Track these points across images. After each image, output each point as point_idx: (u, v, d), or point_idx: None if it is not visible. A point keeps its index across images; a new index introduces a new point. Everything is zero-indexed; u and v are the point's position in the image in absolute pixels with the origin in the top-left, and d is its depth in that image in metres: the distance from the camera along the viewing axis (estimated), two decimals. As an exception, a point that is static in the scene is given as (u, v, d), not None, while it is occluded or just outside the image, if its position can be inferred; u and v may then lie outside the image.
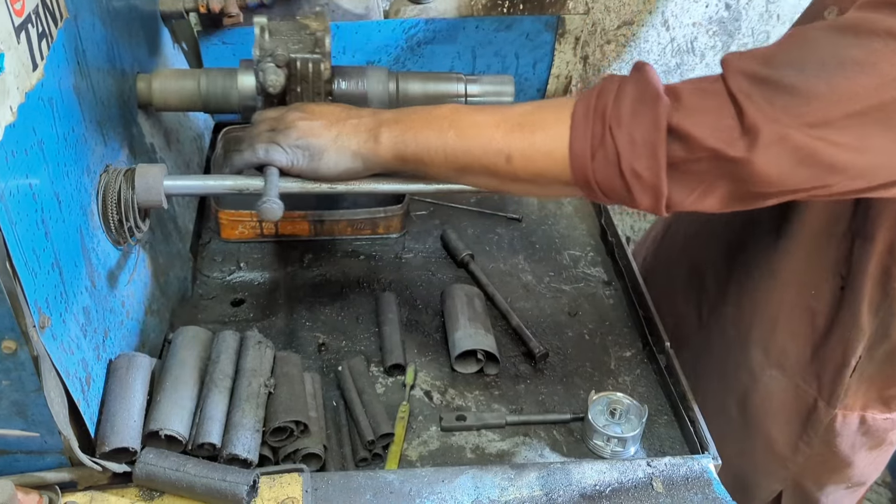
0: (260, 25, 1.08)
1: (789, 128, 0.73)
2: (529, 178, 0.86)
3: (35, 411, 0.76)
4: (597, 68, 1.94)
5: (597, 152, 0.80)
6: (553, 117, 0.84)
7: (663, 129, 0.77)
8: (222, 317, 1.19)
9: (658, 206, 0.81)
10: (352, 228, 1.34)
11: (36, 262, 0.73)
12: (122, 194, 0.94)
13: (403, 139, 0.90)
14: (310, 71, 1.06)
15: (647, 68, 0.82)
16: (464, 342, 1.09)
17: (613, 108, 0.80)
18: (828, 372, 1.07)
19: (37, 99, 0.75)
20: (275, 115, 0.98)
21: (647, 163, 0.78)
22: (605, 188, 0.82)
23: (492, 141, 0.86)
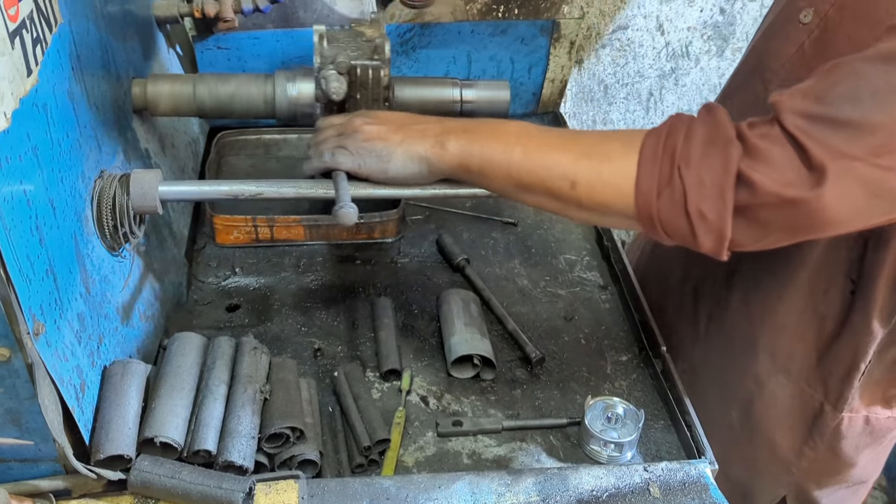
0: (319, 33, 1.09)
1: (856, 161, 0.73)
2: (593, 207, 0.86)
3: (29, 419, 0.76)
4: (592, 72, 1.95)
5: (663, 191, 0.81)
6: (622, 150, 0.84)
7: (733, 174, 0.77)
8: (217, 322, 1.18)
9: (720, 249, 0.81)
10: (347, 233, 1.34)
11: (30, 268, 0.73)
12: (117, 200, 0.93)
13: (470, 149, 0.91)
14: (370, 77, 1.07)
15: (718, 111, 0.82)
16: (460, 347, 1.09)
17: (683, 147, 0.80)
18: (835, 376, 1.06)
19: (31, 105, 0.75)
20: (340, 121, 1.00)
21: (713, 205, 0.78)
22: (668, 227, 0.82)
23: (558, 165, 0.86)
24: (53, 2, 0.82)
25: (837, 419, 1.09)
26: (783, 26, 1.01)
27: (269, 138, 1.53)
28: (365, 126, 0.96)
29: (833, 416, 1.09)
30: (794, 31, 0.98)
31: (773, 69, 1.02)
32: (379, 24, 1.14)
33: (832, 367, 1.06)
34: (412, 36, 1.48)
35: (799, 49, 0.97)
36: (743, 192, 0.78)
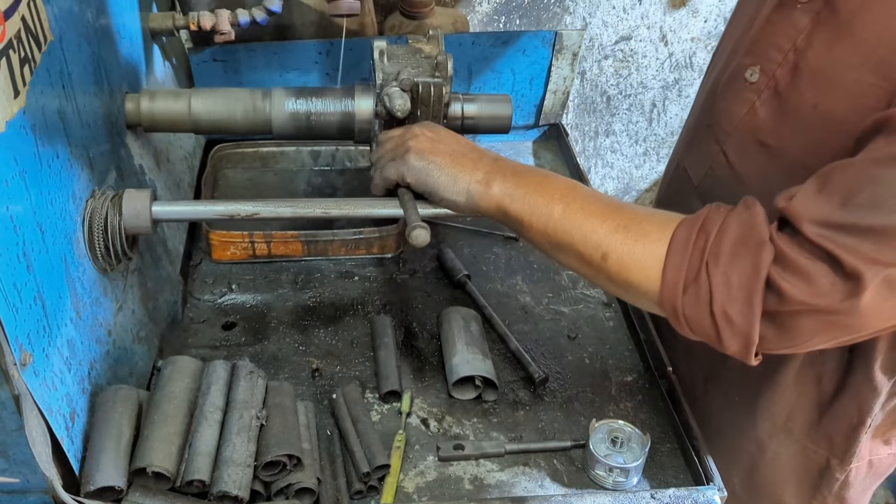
0: (379, 49, 1.08)
1: (891, 267, 0.70)
2: (621, 284, 0.84)
3: (16, 451, 0.74)
4: (594, 83, 1.93)
5: (689, 286, 0.78)
6: (657, 233, 0.81)
7: (762, 278, 0.74)
8: (213, 341, 1.16)
9: (748, 354, 0.78)
10: (346, 249, 1.32)
11: (17, 297, 0.70)
12: (109, 220, 0.91)
13: (512, 194, 0.90)
14: (431, 95, 1.06)
15: (755, 208, 0.78)
16: (461, 368, 1.07)
17: (714, 243, 0.77)
18: (840, 432, 1.02)
19: (18, 127, 0.72)
20: (399, 133, 1.00)
21: (740, 308, 0.75)
22: (692, 324, 0.79)
23: (594, 232, 0.84)
24: (43, 20, 0.80)
25: (845, 472, 1.05)
26: (730, 84, 0.98)
27: (267, 151, 1.51)
28: (422, 137, 0.96)
29: (841, 470, 1.05)
30: (742, 91, 0.95)
31: (727, 130, 0.99)
32: (437, 40, 1.12)
33: (836, 423, 1.02)
34: (412, 48, 1.46)
35: (750, 110, 0.94)
36: (772, 299, 0.75)
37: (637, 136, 2.07)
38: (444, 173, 0.93)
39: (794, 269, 0.73)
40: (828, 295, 0.72)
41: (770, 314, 0.75)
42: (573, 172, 1.54)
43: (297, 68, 1.47)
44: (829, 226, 0.72)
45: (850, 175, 0.74)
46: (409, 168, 0.95)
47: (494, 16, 1.79)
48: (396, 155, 0.97)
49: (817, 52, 0.85)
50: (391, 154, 0.98)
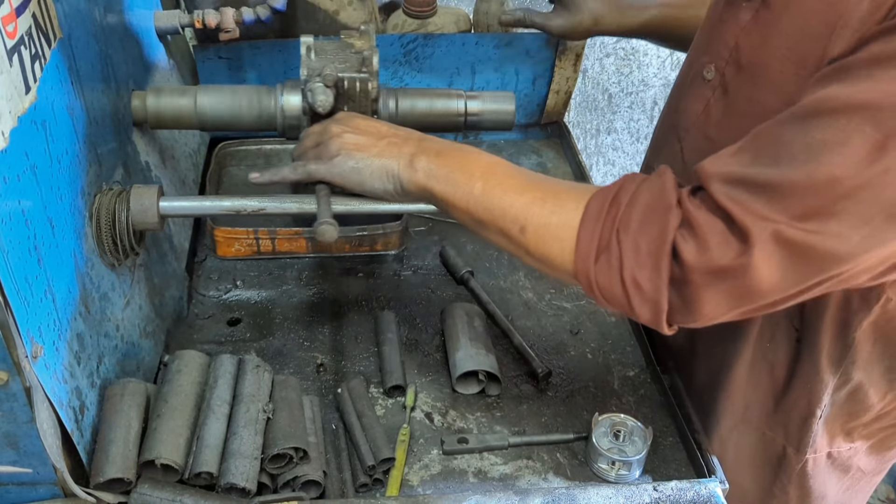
0: (307, 45, 1.08)
1: (779, 224, 0.70)
2: (540, 256, 0.84)
3: (27, 443, 0.75)
4: (596, 81, 1.94)
5: (601, 254, 0.78)
6: (573, 204, 0.81)
7: (669, 243, 0.74)
8: (218, 337, 1.17)
9: (658, 321, 0.78)
10: (350, 245, 1.33)
11: (28, 290, 0.71)
12: (117, 216, 0.92)
13: (436, 174, 0.89)
14: (357, 90, 1.06)
15: (667, 174, 0.79)
16: (465, 363, 1.08)
17: (625, 211, 0.78)
18: (794, 421, 1.03)
19: (29, 122, 0.73)
20: (320, 129, 0.99)
21: (649, 275, 0.76)
22: (604, 292, 0.80)
23: (512, 207, 0.84)
24: (52, 17, 0.81)
25: (802, 461, 1.06)
26: (692, 83, 0.99)
27: (270, 148, 1.52)
28: (343, 134, 0.95)
29: (797, 458, 1.06)
30: (700, 88, 0.96)
31: (685, 127, 1.00)
32: (369, 35, 1.12)
33: (789, 412, 1.03)
34: (416, 46, 1.47)
35: (706, 107, 0.96)
36: (675, 265, 0.75)
37: (638, 134, 2.08)
38: (373, 165, 0.92)
39: (694, 230, 0.74)
40: (720, 255, 0.72)
41: (675, 281, 0.76)
42: (575, 170, 1.55)
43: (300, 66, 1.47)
44: (731, 181, 0.73)
45: (761, 135, 0.75)
46: (338, 170, 0.94)
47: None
48: (321, 155, 0.95)
49: (753, 46, 0.87)
50: (315, 153, 0.96)
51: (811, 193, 0.69)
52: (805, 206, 0.70)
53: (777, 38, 0.84)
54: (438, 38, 1.47)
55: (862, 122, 0.68)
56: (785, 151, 0.71)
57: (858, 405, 1.01)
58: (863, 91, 0.68)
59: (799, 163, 0.70)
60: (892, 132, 0.67)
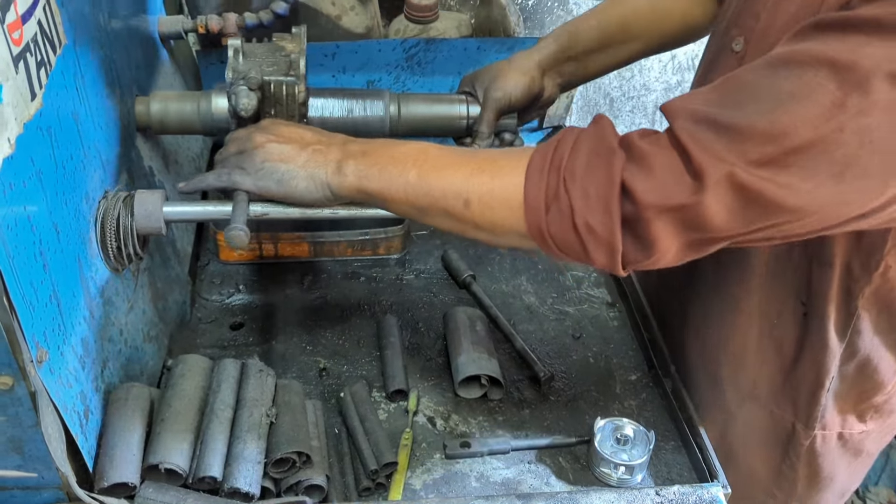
0: (234, 48, 1.06)
1: (735, 167, 0.71)
2: (487, 226, 0.84)
3: (32, 447, 0.75)
4: (597, 85, 1.94)
5: (551, 205, 0.79)
6: (512, 165, 0.82)
7: (617, 184, 0.75)
8: (221, 341, 1.17)
9: (614, 264, 0.79)
10: (352, 249, 1.33)
11: (34, 295, 0.72)
12: (122, 221, 0.92)
13: (367, 174, 0.89)
14: (284, 94, 1.04)
15: (604, 121, 0.81)
16: (467, 367, 1.08)
17: (569, 160, 0.78)
18: (802, 395, 1.05)
19: (35, 129, 0.74)
20: (244, 135, 0.96)
21: (601, 218, 0.76)
22: (559, 242, 0.80)
23: (451, 184, 0.84)
24: (58, 24, 0.81)
25: (810, 437, 1.08)
26: (718, 56, 1.00)
27: (273, 153, 1.52)
28: (267, 144, 0.92)
29: (805, 434, 1.08)
30: (728, 60, 0.97)
31: None
32: (299, 38, 1.10)
33: (798, 386, 1.05)
34: (418, 51, 1.47)
35: None
36: (627, 204, 0.76)
37: (640, 139, 2.08)
38: (301, 178, 0.90)
39: (648, 166, 0.75)
40: (674, 191, 0.73)
41: (628, 220, 0.76)
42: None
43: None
44: (695, 119, 0.74)
45: (732, 79, 0.77)
46: (263, 184, 0.92)
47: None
48: (245, 165, 0.92)
49: (770, 16, 0.89)
50: (237, 161, 0.93)
51: (769, 141, 0.70)
52: (761, 152, 0.70)
53: (784, 7, 0.85)
54: (440, 43, 1.47)
55: (827, 77, 0.69)
56: (751, 97, 0.73)
57: (869, 382, 1.03)
58: (833, 49, 0.69)
59: (763, 110, 0.71)
60: (852, 91, 0.68)
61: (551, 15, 1.81)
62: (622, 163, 0.76)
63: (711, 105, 0.75)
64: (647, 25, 1.18)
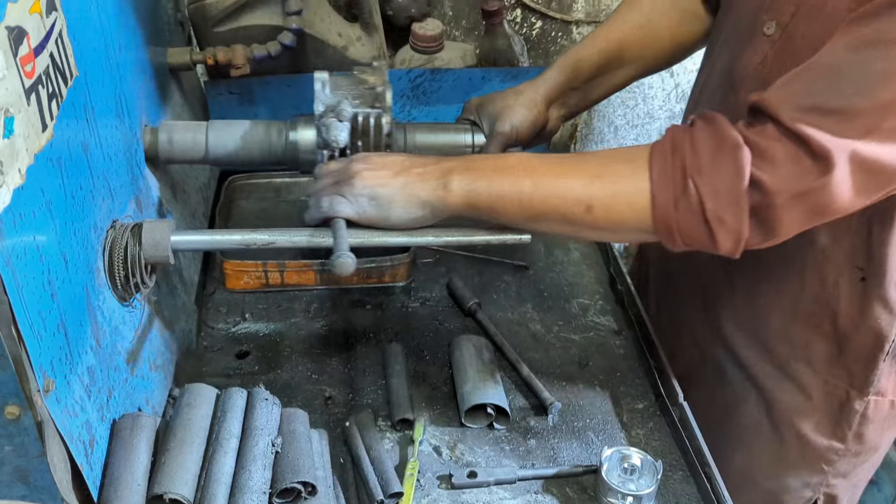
0: (321, 81, 1.09)
1: (854, 142, 0.78)
2: (609, 227, 0.90)
3: (37, 477, 0.74)
4: (601, 114, 1.95)
5: (679, 202, 0.85)
6: (630, 169, 0.88)
7: (746, 178, 0.81)
8: (227, 370, 1.17)
9: (737, 249, 0.85)
10: (358, 277, 1.33)
11: (42, 324, 0.72)
12: (129, 251, 0.93)
13: (475, 187, 0.92)
14: (371, 125, 1.07)
15: (718, 118, 0.86)
16: (473, 396, 1.08)
17: (692, 158, 0.84)
18: (859, 362, 1.07)
19: (46, 160, 0.74)
20: (338, 168, 0.99)
21: (731, 210, 0.83)
22: (687, 236, 0.86)
23: (571, 190, 0.89)
24: (70, 56, 0.82)
25: (864, 403, 1.10)
26: (749, 39, 1.04)
27: (280, 182, 1.53)
28: (364, 171, 0.95)
29: (860, 401, 1.10)
30: (759, 43, 1.02)
31: (741, 78, 1.05)
32: (381, 71, 1.13)
33: (855, 354, 1.07)
34: (423, 81, 1.49)
35: (763, 59, 1.01)
36: (755, 194, 0.82)
37: (644, 166, 2.09)
38: (399, 200, 0.93)
39: (771, 159, 0.81)
40: (802, 178, 0.80)
41: (755, 209, 0.83)
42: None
43: (310, 100, 1.49)
44: (802, 109, 0.80)
45: (817, 66, 0.83)
46: (363, 209, 0.94)
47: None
48: (344, 193, 0.95)
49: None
50: (333, 189, 0.96)
51: (877, 115, 0.78)
52: (871, 125, 0.78)
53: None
54: (445, 73, 1.49)
55: None
56: (847, 80, 0.80)
57: None
58: None
59: (862, 90, 0.78)
60: None
61: (555, 44, 1.83)
62: (749, 157, 0.81)
63: (810, 94, 0.81)
64: (640, 49, 1.21)
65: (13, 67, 0.68)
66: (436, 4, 1.71)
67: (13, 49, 0.68)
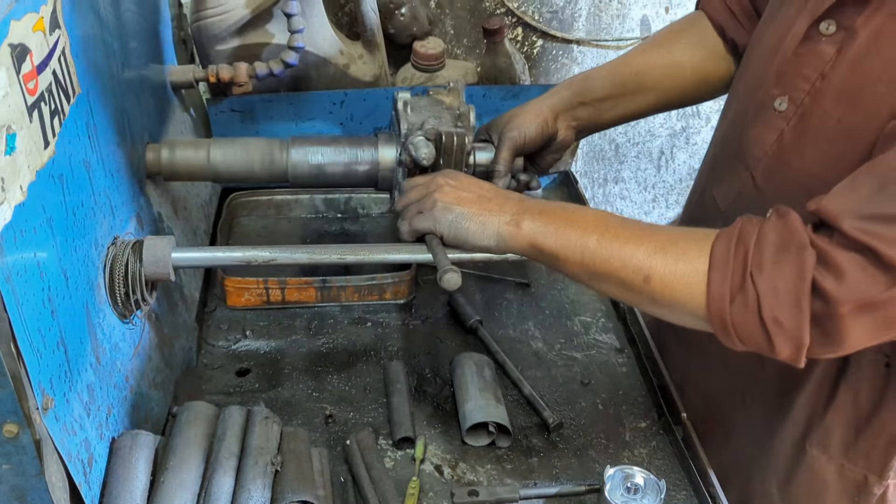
0: (403, 100, 1.11)
1: None
2: (665, 303, 0.86)
3: (35, 496, 0.74)
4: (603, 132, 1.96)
5: (736, 297, 0.80)
6: (696, 250, 0.84)
7: (808, 281, 0.77)
8: (227, 387, 1.17)
9: (798, 357, 0.80)
10: (359, 294, 1.33)
11: (41, 342, 0.72)
12: (130, 267, 0.93)
13: (544, 231, 0.92)
14: (454, 144, 1.08)
15: (790, 215, 0.81)
16: (475, 414, 1.07)
17: (755, 253, 0.80)
18: (878, 448, 1.02)
19: (47, 176, 0.75)
20: (424, 181, 1.02)
21: (790, 312, 0.78)
22: (742, 334, 0.81)
23: (633, 257, 0.86)
24: (72, 73, 0.83)
25: (883, 487, 1.05)
26: (758, 113, 1.01)
27: (281, 199, 1.53)
28: (446, 186, 0.98)
29: (879, 485, 1.05)
30: (772, 119, 0.99)
31: (757, 156, 1.02)
32: (458, 92, 1.16)
33: (874, 440, 1.02)
34: (424, 98, 1.49)
35: (779, 137, 0.98)
36: (817, 302, 0.77)
37: (646, 184, 2.09)
38: (473, 221, 0.95)
39: (835, 267, 0.76)
40: (869, 288, 0.75)
41: (816, 317, 0.78)
42: (583, 219, 1.56)
43: (312, 118, 1.50)
44: (864, 218, 0.75)
45: (877, 171, 0.78)
46: (439, 222, 0.97)
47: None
48: (424, 207, 0.99)
49: (842, 74, 0.90)
50: (418, 206, 1.00)
51: None
52: None
53: (869, 63, 0.87)
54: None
55: None
56: None
57: None
58: None
59: None
60: None
61: (556, 62, 1.84)
62: (814, 260, 0.77)
63: (872, 201, 0.76)
64: (661, 77, 1.20)
65: (16, 84, 0.68)
66: (437, 23, 1.72)
67: (16, 66, 0.68)
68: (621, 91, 1.20)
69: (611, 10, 1.79)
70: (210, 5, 1.37)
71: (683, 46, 1.21)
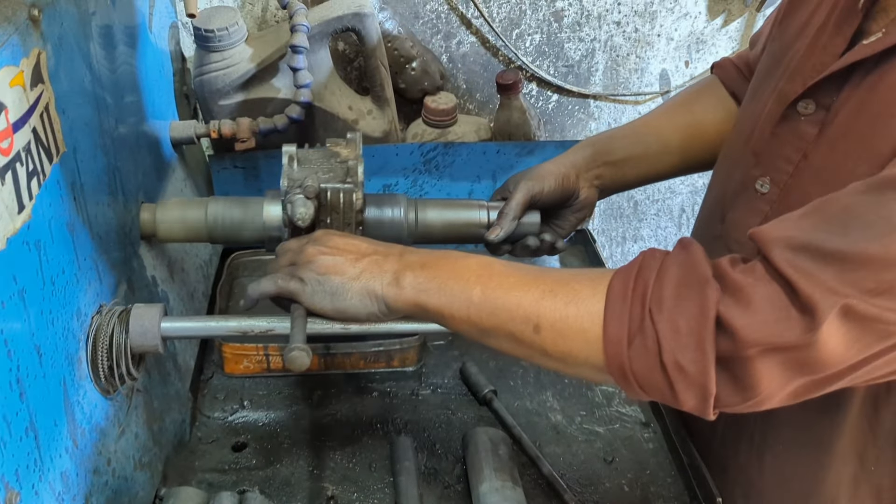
0: (289, 154, 1.02)
1: (850, 298, 0.65)
2: (559, 355, 0.77)
3: None
4: (620, 188, 1.90)
5: (634, 338, 0.72)
6: (589, 290, 0.75)
7: (711, 319, 0.69)
8: (221, 464, 1.08)
9: (705, 408, 0.72)
10: (364, 362, 1.25)
11: (6, 430, 0.64)
12: (115, 339, 0.85)
13: (426, 288, 0.82)
14: (341, 201, 1.00)
15: (693, 246, 0.75)
16: (490, 498, 0.98)
17: (655, 289, 0.72)
18: None
19: (21, 243, 0.68)
20: (295, 247, 0.91)
21: (692, 356, 0.69)
22: (642, 381, 0.73)
23: (519, 306, 0.77)
24: (57, 131, 0.77)
25: None
26: (740, 195, 0.96)
27: (285, 258, 1.47)
28: (319, 256, 0.87)
29: None
30: (754, 201, 0.93)
31: (740, 241, 0.95)
32: (355, 144, 1.06)
33: None
34: (436, 155, 1.44)
35: (763, 220, 0.92)
36: (724, 341, 0.69)
37: (666, 242, 2.02)
38: (353, 289, 0.85)
39: (746, 300, 0.68)
40: (782, 329, 0.67)
41: (724, 360, 0.69)
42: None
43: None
44: (795, 248, 0.68)
45: (829, 204, 0.71)
46: (316, 299, 0.86)
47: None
48: (295, 275, 0.87)
49: (822, 152, 0.84)
50: (288, 271, 0.89)
51: (886, 267, 0.65)
52: (879, 280, 0.65)
53: (849, 141, 0.80)
54: (459, 147, 1.44)
55: None
56: (857, 221, 0.67)
57: None
58: None
59: (874, 234, 0.65)
60: None
61: (572, 118, 1.79)
62: (717, 295, 0.69)
63: (811, 231, 0.68)
64: (684, 139, 1.15)
65: (-14, 144, 0.62)
66: (449, 77, 1.68)
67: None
68: (644, 151, 1.15)
69: (629, 64, 1.75)
70: (213, 59, 1.33)
71: (704, 108, 1.17)
